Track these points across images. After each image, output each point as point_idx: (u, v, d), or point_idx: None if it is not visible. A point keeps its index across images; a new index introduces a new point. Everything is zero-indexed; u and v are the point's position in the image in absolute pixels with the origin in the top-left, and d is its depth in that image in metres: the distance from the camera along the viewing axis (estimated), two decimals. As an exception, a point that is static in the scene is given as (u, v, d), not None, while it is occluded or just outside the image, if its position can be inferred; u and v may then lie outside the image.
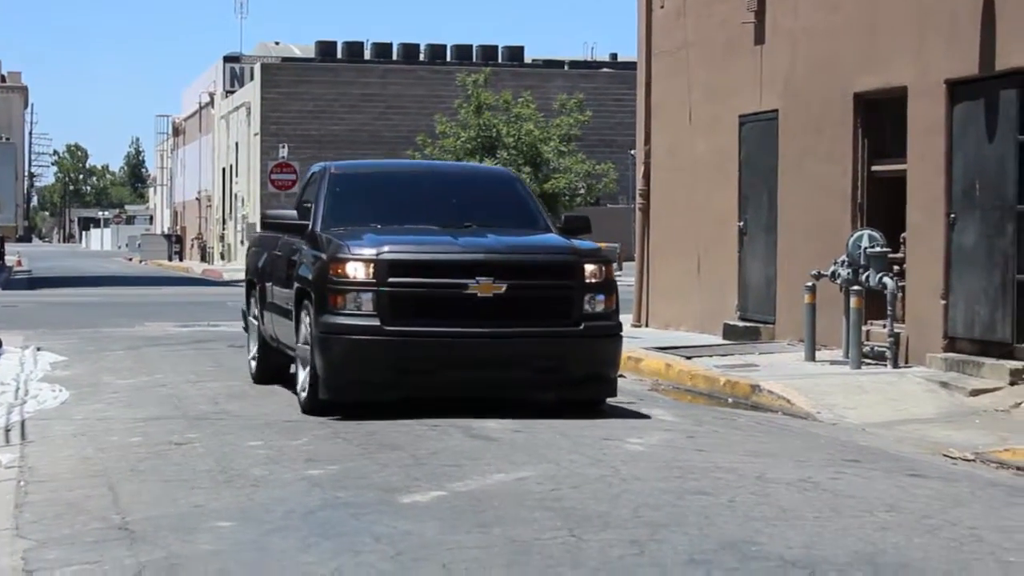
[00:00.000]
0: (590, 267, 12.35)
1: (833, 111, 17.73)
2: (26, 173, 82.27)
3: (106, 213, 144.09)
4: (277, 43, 78.32)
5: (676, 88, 21.48)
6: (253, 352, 15.12)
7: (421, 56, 65.51)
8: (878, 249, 16.10)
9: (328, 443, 10.72)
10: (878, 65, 16.86)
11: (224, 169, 71.81)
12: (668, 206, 21.84)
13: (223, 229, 71.50)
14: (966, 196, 15.28)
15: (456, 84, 44.10)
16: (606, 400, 12.70)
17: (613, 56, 75.37)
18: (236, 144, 67.71)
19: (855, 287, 16.04)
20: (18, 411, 12.77)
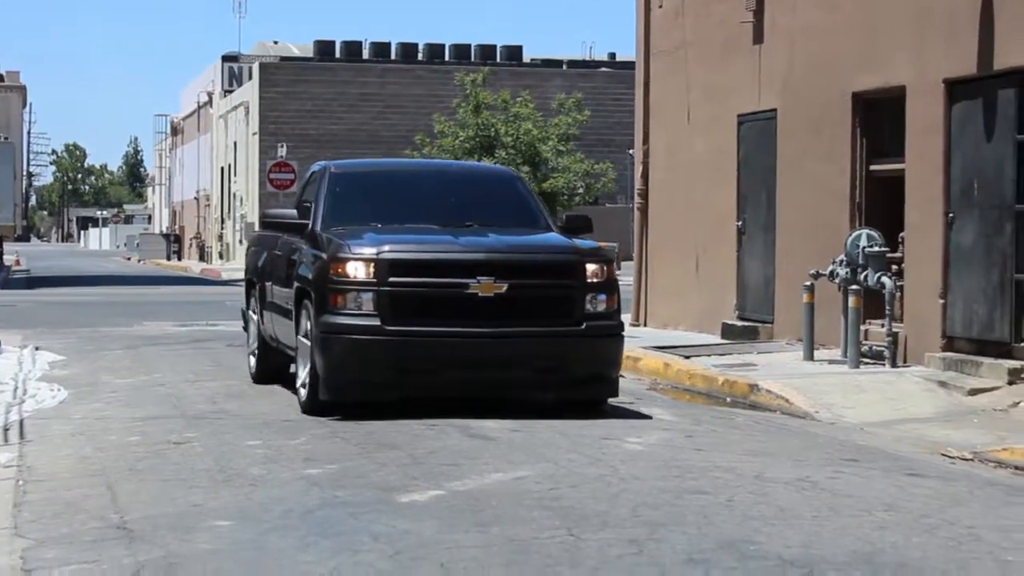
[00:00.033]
0: (592, 267, 12.28)
1: (832, 110, 17.73)
2: (24, 172, 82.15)
3: (104, 212, 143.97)
4: (275, 42, 78.30)
5: (675, 88, 21.48)
6: (253, 351, 15.09)
7: (419, 55, 65.53)
8: (876, 248, 16.11)
9: (326, 442, 10.72)
10: (877, 65, 16.86)
11: (222, 168, 71.81)
12: (667, 205, 21.84)
13: (221, 228, 71.49)
14: (964, 195, 15.29)
15: (454, 83, 44.06)
16: (608, 400, 12.66)
17: (611, 56, 75.38)
18: (234, 143, 67.70)
19: (853, 286, 16.05)
20: (16, 410, 12.76)
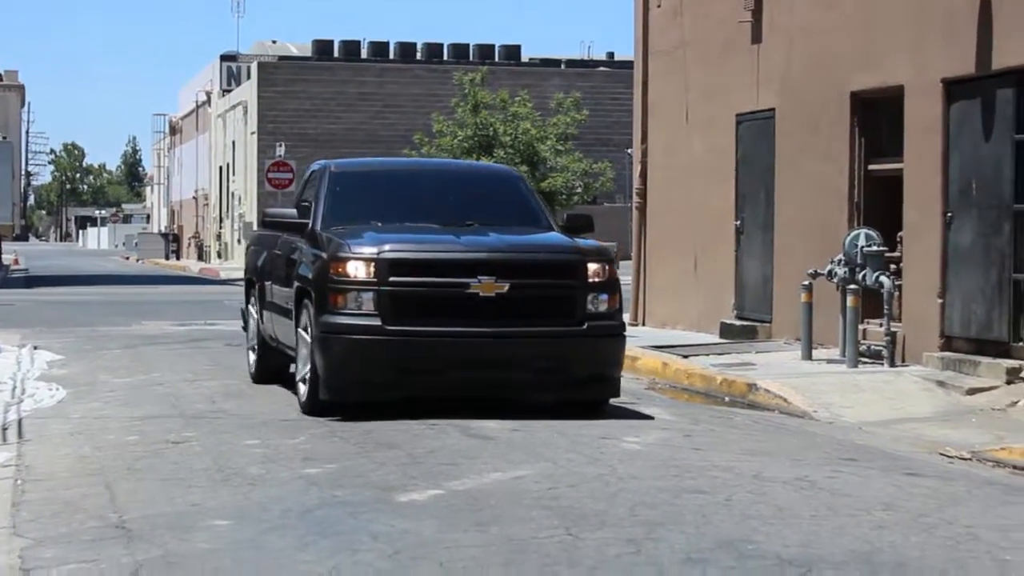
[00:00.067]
0: (593, 266, 12.20)
1: (830, 110, 17.74)
2: (23, 172, 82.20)
3: (103, 212, 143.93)
4: (274, 42, 78.26)
5: (673, 87, 21.48)
6: (252, 351, 15.08)
7: (418, 55, 65.53)
8: (875, 248, 16.11)
9: (325, 442, 10.72)
10: (875, 64, 16.86)
11: (221, 168, 71.80)
12: (665, 205, 21.84)
13: (220, 228, 71.48)
14: (963, 195, 15.29)
15: (453, 83, 43.98)
16: (609, 400, 12.61)
17: (610, 55, 75.41)
18: (233, 143, 67.70)
19: (852, 286, 16.06)
20: (15, 410, 12.75)
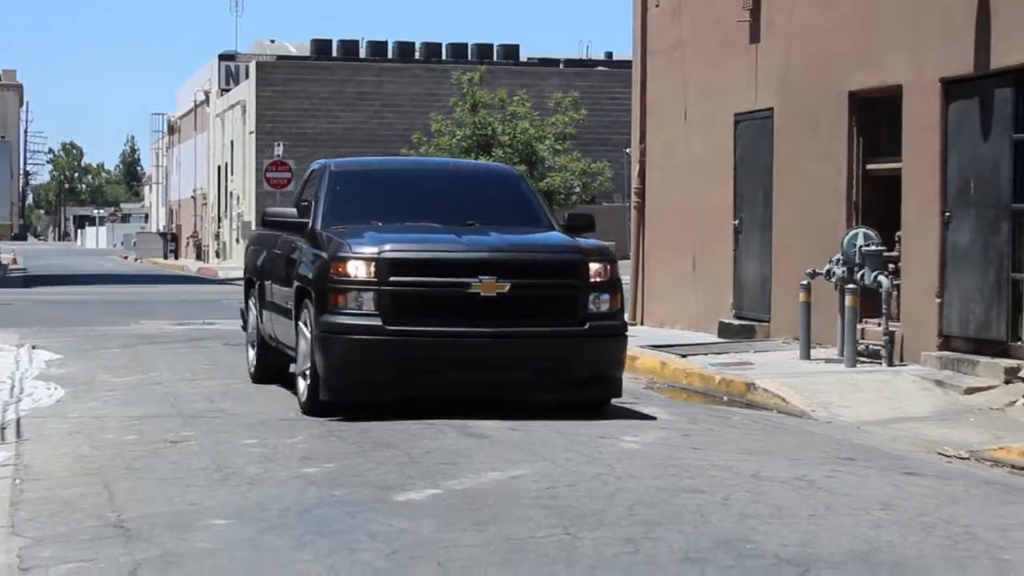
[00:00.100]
0: (595, 266, 12.14)
1: (828, 109, 17.74)
2: (21, 171, 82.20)
3: (101, 211, 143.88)
4: (272, 41, 78.23)
5: (671, 87, 21.49)
6: (252, 351, 15.05)
7: (416, 54, 65.47)
8: (873, 247, 16.11)
9: (323, 441, 10.72)
10: (873, 63, 16.86)
11: (219, 167, 71.75)
12: (663, 204, 21.84)
13: (218, 227, 71.44)
14: (961, 195, 15.30)
15: (452, 82, 44.01)
16: (611, 401, 12.56)
17: (608, 55, 75.36)
18: (231, 142, 67.65)
19: (850, 285, 16.06)
20: (13, 409, 12.76)
